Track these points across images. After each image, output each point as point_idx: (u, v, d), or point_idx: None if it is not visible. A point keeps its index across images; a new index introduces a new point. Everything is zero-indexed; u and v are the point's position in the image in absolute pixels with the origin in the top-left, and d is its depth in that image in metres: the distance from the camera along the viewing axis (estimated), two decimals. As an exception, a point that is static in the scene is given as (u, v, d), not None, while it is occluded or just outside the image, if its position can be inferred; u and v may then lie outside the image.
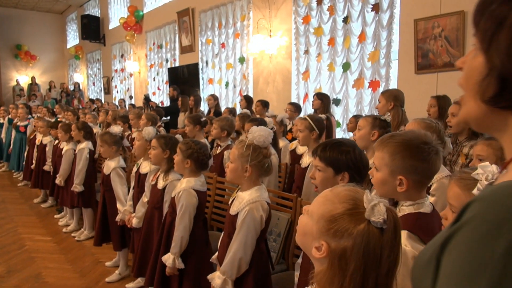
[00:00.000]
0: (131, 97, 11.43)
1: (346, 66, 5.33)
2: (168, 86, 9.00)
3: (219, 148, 3.66)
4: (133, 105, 9.00)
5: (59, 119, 6.53)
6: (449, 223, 0.57)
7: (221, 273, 1.90)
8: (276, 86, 6.58)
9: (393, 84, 4.77)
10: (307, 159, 2.89)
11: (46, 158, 5.34)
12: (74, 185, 4.11)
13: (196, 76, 8.43)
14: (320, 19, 5.69)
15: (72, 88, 14.65)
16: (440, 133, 2.12)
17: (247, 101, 5.93)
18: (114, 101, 11.67)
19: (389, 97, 3.35)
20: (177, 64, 9.31)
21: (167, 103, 9.20)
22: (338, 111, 5.51)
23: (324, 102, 4.76)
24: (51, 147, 5.30)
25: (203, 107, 7.48)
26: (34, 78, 15.03)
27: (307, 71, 5.97)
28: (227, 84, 7.70)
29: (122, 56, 12.11)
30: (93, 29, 12.88)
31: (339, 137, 5.02)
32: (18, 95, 13.85)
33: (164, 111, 7.07)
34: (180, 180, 2.43)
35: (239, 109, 6.06)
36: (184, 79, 8.74)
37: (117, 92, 12.70)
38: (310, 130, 2.95)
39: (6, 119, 8.05)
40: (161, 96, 10.18)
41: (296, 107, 5.07)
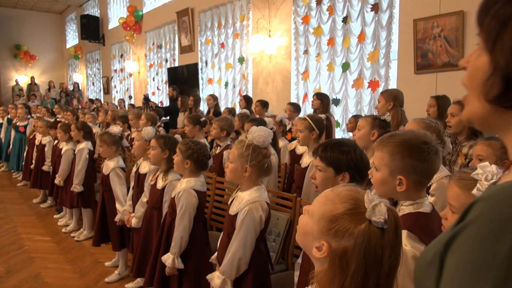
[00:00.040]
0: (131, 97, 11.42)
1: (346, 66, 5.34)
2: (168, 86, 8.99)
3: (219, 148, 3.66)
4: (133, 105, 9.00)
5: (59, 119, 6.52)
6: (453, 223, 0.57)
7: (221, 273, 1.90)
8: (276, 86, 6.58)
9: (393, 84, 4.77)
10: (307, 159, 2.89)
11: (45, 158, 5.34)
12: (74, 185, 4.11)
13: (196, 76, 8.43)
14: (320, 19, 5.69)
15: (72, 88, 14.65)
16: (440, 133, 2.12)
17: (247, 101, 5.93)
18: (114, 101, 11.66)
19: (389, 97, 3.35)
20: (177, 64, 9.31)
21: (167, 103, 9.20)
22: (338, 111, 5.51)
23: (324, 102, 4.76)
24: (50, 147, 5.30)
25: (203, 107, 7.48)
26: (34, 78, 15.02)
27: (307, 71, 5.97)
28: (227, 84, 7.69)
29: (122, 56, 12.10)
30: (93, 29, 12.87)
31: (339, 137, 5.02)
32: (18, 95, 13.83)
33: (164, 111, 7.07)
34: (180, 181, 2.43)
35: (239, 109, 6.06)
36: (184, 79, 8.74)
37: (117, 92, 12.69)
38: (310, 130, 2.95)
39: (5, 119, 8.04)
40: (161, 96, 10.17)
41: (296, 107, 5.07)
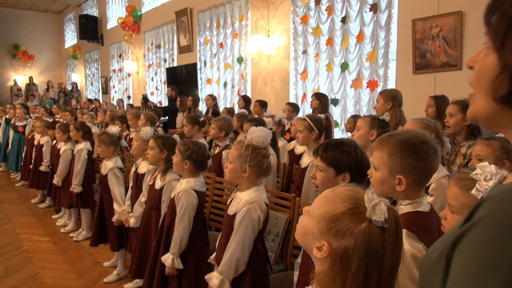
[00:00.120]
0: (129, 97, 11.42)
1: (344, 66, 5.34)
2: (166, 86, 8.99)
3: (218, 148, 3.66)
4: (131, 105, 8.99)
5: (57, 119, 6.51)
6: (459, 222, 0.56)
7: (219, 273, 1.90)
8: (274, 86, 6.58)
9: (391, 84, 4.78)
10: (307, 159, 2.89)
11: (43, 158, 5.33)
12: (73, 186, 4.11)
13: (194, 76, 8.43)
14: (318, 19, 5.69)
15: (70, 88, 14.64)
16: (439, 133, 2.12)
17: (245, 101, 5.93)
18: (112, 101, 11.65)
19: (387, 97, 3.35)
20: (175, 64, 9.30)
21: (165, 103, 9.19)
22: (336, 111, 5.51)
23: (323, 102, 4.76)
24: (48, 147, 5.29)
25: (201, 107, 7.47)
26: (32, 78, 15.01)
27: (305, 71, 5.97)
28: (225, 84, 7.69)
29: (120, 56, 12.09)
30: (91, 29, 12.86)
31: (339, 137, 5.02)
32: (16, 95, 13.81)
33: (162, 111, 7.06)
34: (180, 181, 2.43)
35: (237, 109, 6.06)
36: (182, 79, 8.73)
37: (115, 92, 12.68)
38: (310, 130, 2.95)
39: (4, 119, 8.02)
40: (159, 96, 10.16)
41: (294, 107, 5.07)
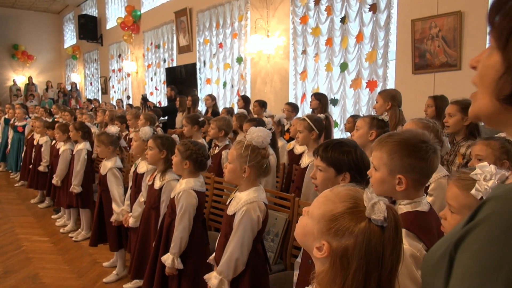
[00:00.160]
0: (129, 97, 11.42)
1: (344, 66, 5.34)
2: (166, 86, 8.98)
3: (217, 148, 3.66)
4: (131, 105, 8.98)
5: (56, 119, 6.50)
6: (462, 222, 0.56)
7: (218, 273, 1.90)
8: (274, 86, 6.58)
9: (391, 84, 4.78)
10: (307, 159, 2.88)
11: (42, 158, 5.33)
12: (73, 186, 4.11)
13: (194, 76, 8.42)
14: (318, 19, 5.70)
15: (69, 88, 14.63)
16: (438, 133, 2.12)
17: (245, 101, 5.93)
18: (112, 101, 11.65)
19: (387, 97, 3.36)
20: (175, 64, 9.30)
21: (165, 103, 9.19)
22: (336, 111, 5.52)
23: (322, 102, 4.76)
24: (47, 147, 5.29)
25: (201, 107, 7.47)
26: (31, 78, 15.00)
27: (305, 71, 5.97)
28: (225, 84, 7.69)
29: (120, 56, 12.09)
30: (91, 29, 12.86)
31: (339, 137, 5.02)
32: (15, 95, 13.81)
33: (162, 111, 7.06)
34: (179, 181, 2.43)
35: (237, 109, 6.05)
36: (182, 79, 8.73)
37: (115, 92, 12.68)
38: (310, 131, 2.94)
39: (3, 119, 8.02)
40: (159, 96, 10.16)
41: (293, 107, 5.06)
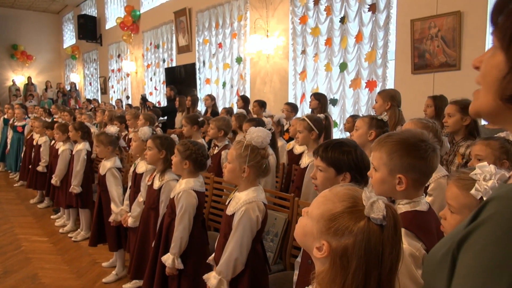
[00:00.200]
0: (128, 97, 11.41)
1: (343, 66, 5.34)
2: (165, 86, 8.98)
3: (217, 148, 3.66)
4: (130, 105, 8.98)
5: (56, 119, 6.50)
6: (464, 222, 0.56)
7: (217, 273, 1.90)
8: (273, 86, 6.58)
9: (390, 84, 4.78)
10: (307, 159, 2.88)
11: (40, 159, 5.32)
12: (73, 187, 4.10)
13: (193, 76, 8.42)
14: (317, 19, 5.70)
15: (69, 88, 14.62)
16: (437, 133, 2.12)
17: (244, 101, 5.93)
18: (111, 101, 11.64)
19: (386, 97, 3.36)
20: (174, 64, 9.30)
21: (164, 103, 9.18)
22: (335, 111, 5.52)
23: (322, 102, 4.76)
24: (46, 147, 5.28)
25: (200, 107, 7.47)
26: (30, 78, 14.99)
27: (304, 71, 5.97)
28: (224, 84, 7.69)
29: (119, 56, 12.08)
30: (90, 29, 12.85)
31: (339, 137, 5.02)
32: (14, 95, 13.80)
33: (161, 111, 7.06)
34: (179, 181, 2.42)
35: (236, 109, 6.05)
36: (181, 79, 8.73)
37: (114, 92, 12.68)
38: (309, 131, 2.94)
39: (2, 119, 8.01)
40: (158, 96, 10.16)
41: (293, 107, 5.07)
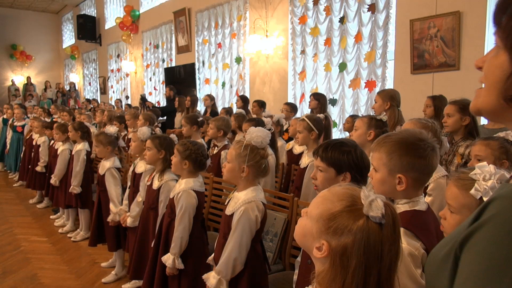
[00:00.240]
0: (127, 97, 11.41)
1: (343, 66, 5.34)
2: (165, 86, 8.98)
3: (216, 148, 3.66)
4: (129, 105, 8.98)
5: (55, 120, 6.49)
6: (466, 222, 0.56)
7: (216, 273, 1.90)
8: (273, 86, 6.58)
9: (389, 84, 4.78)
10: (306, 159, 2.88)
11: (39, 159, 5.31)
12: (72, 187, 4.10)
13: (193, 76, 8.42)
14: (317, 19, 5.70)
15: (68, 88, 14.61)
16: (437, 133, 2.12)
17: (243, 101, 5.93)
18: (110, 101, 11.63)
19: (386, 97, 3.36)
20: (174, 64, 9.29)
21: (164, 103, 9.18)
22: (335, 111, 5.52)
23: (321, 102, 4.76)
24: (45, 147, 5.28)
25: (200, 107, 7.47)
26: (30, 78, 14.96)
27: (304, 71, 5.97)
28: (224, 84, 7.69)
29: (118, 56, 12.07)
30: (89, 29, 12.84)
31: (338, 137, 5.02)
32: (14, 95, 13.79)
33: (161, 111, 7.06)
34: (179, 181, 2.42)
35: (236, 109, 6.05)
36: (181, 79, 8.73)
37: (113, 92, 12.67)
38: (309, 131, 2.94)
39: (1, 119, 8.00)
40: (158, 96, 10.15)
41: (292, 107, 5.07)
